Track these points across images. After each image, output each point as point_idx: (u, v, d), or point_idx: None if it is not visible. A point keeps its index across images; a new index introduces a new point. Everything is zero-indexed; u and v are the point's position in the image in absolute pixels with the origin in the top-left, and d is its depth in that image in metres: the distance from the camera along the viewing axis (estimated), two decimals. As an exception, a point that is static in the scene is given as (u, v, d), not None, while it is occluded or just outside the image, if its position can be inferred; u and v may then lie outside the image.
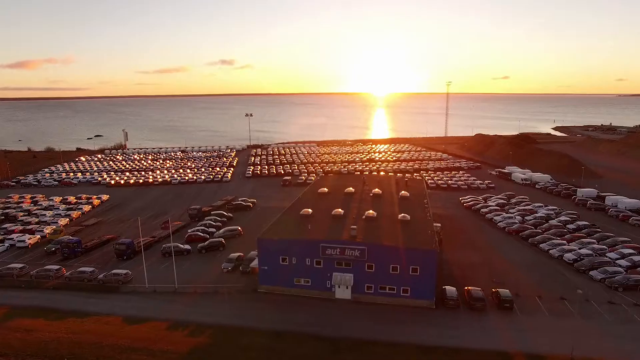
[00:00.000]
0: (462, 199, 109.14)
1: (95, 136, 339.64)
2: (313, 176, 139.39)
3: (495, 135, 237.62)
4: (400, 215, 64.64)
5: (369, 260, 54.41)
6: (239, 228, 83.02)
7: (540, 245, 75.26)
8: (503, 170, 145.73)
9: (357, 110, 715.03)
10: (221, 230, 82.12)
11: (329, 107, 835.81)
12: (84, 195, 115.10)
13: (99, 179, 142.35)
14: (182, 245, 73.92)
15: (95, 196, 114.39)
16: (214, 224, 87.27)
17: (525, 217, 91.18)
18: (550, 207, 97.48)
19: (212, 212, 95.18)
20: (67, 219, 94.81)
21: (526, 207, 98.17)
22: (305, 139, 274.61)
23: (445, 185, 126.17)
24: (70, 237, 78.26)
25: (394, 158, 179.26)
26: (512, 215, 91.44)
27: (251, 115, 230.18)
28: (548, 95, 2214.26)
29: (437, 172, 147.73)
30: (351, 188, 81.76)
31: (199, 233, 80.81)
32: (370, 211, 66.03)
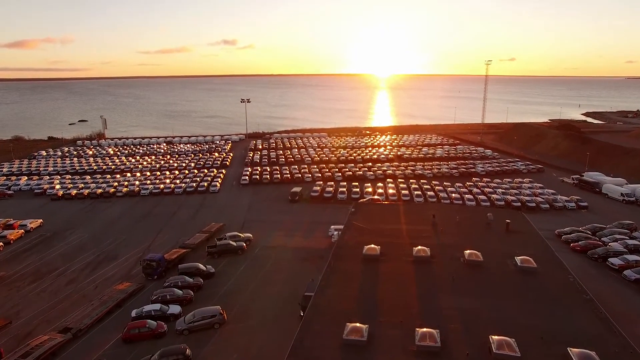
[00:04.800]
0: (560, 233, 72.87)
1: (78, 121, 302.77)
2: (331, 184, 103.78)
3: (543, 124, 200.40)
4: (578, 356, 27.92)
5: None
6: (220, 310, 47.25)
7: None
8: (583, 177, 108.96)
9: (364, 92, 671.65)
10: (188, 316, 46.35)
11: (334, 88, 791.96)
12: (2, 222, 78.75)
13: (46, 186, 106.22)
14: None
15: (19, 222, 77.75)
16: (180, 294, 51.40)
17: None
18: None
19: (180, 267, 58.92)
20: (-53, 276, 58.94)
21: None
22: (314, 125, 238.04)
23: (519, 204, 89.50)
24: None
25: (427, 155, 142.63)
26: (672, 275, 55.57)
27: (248, 101, 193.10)
28: (556, 77, 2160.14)
29: (494, 179, 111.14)
30: (423, 248, 44.67)
31: (150, 322, 45.31)
32: (499, 339, 29.33)
